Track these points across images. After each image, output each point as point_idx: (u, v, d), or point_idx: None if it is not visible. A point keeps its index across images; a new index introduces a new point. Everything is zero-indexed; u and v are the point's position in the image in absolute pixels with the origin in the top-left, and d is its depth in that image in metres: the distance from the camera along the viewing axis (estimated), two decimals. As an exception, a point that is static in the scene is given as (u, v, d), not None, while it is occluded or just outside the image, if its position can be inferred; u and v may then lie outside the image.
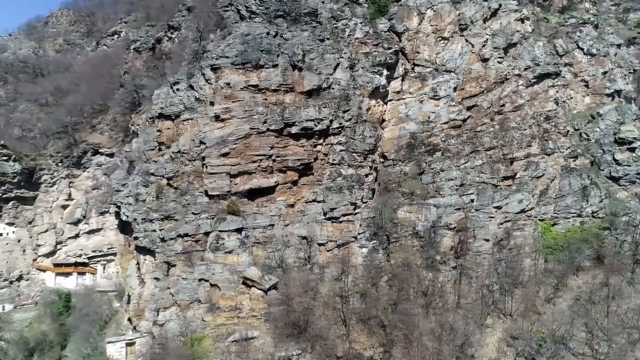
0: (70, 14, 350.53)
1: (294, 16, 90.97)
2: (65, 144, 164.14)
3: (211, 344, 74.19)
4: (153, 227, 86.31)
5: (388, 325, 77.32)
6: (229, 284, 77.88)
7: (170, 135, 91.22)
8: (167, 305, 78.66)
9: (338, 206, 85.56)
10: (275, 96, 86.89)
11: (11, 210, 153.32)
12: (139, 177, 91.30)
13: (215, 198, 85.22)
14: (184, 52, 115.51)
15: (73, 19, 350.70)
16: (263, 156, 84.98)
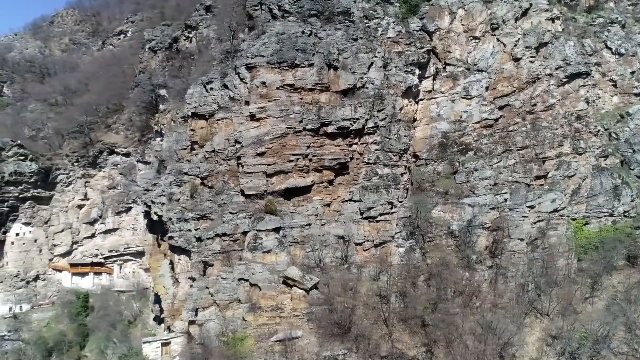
0: (76, 14, 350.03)
1: (327, 15, 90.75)
2: (80, 144, 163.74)
3: (253, 343, 73.91)
4: (188, 226, 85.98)
5: (429, 324, 76.71)
6: (269, 284, 77.52)
7: (204, 134, 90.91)
8: (206, 305, 78.19)
9: (375, 205, 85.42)
10: (311, 95, 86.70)
11: (28, 210, 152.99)
12: (171, 177, 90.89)
13: (251, 197, 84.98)
14: (214, 52, 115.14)
15: (78, 18, 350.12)
16: (299, 155, 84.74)
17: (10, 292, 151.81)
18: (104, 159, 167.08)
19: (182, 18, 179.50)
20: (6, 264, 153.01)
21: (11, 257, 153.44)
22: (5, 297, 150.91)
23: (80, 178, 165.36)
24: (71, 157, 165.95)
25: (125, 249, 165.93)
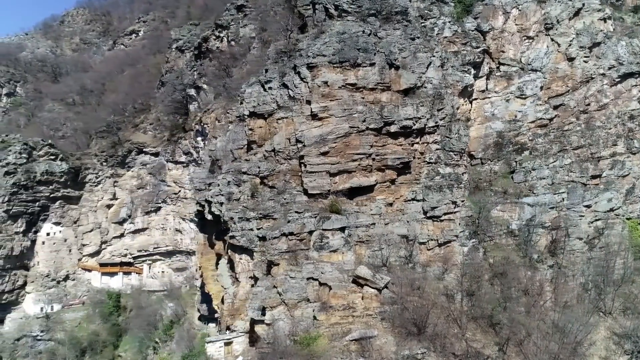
0: (86, 13, 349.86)
1: (385, 15, 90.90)
2: (109, 143, 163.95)
3: (327, 342, 73.93)
4: (250, 226, 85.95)
5: (497, 323, 76.95)
6: (339, 283, 77.58)
7: (263, 133, 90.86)
8: (274, 305, 78.13)
9: (439, 205, 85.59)
10: (373, 95, 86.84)
11: (58, 210, 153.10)
12: (230, 176, 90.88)
13: (314, 197, 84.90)
14: (256, 50, 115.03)
15: (89, 18, 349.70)
16: (363, 155, 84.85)
17: (41, 292, 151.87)
18: (132, 159, 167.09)
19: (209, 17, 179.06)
20: (37, 263, 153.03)
21: (42, 257, 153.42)
22: (37, 297, 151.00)
23: (109, 178, 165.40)
24: (100, 156, 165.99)
25: (154, 249, 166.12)
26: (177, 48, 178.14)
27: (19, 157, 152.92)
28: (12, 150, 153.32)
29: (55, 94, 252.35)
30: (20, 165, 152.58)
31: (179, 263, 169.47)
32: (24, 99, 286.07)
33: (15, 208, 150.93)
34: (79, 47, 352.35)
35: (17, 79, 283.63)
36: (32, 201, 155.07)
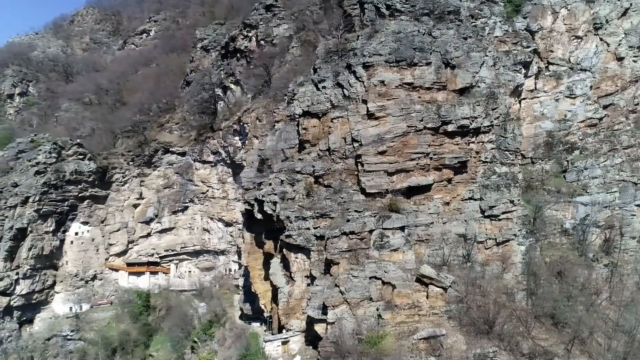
0: (96, 13, 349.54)
1: (438, 14, 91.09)
2: (135, 143, 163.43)
3: (394, 341, 74.07)
4: (307, 225, 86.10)
5: (560, 322, 77.21)
6: (403, 282, 77.80)
7: (316, 133, 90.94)
8: (336, 304, 78.21)
9: (497, 204, 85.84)
10: (429, 94, 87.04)
11: (86, 210, 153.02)
12: (283, 175, 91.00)
13: (372, 196, 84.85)
14: (296, 50, 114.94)
15: (98, 17, 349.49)
16: (421, 154, 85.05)
17: (70, 292, 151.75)
18: (158, 158, 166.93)
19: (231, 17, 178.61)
20: (66, 263, 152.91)
21: (71, 257, 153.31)
22: (66, 296, 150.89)
23: (135, 177, 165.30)
24: (126, 156, 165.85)
25: (182, 248, 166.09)
26: (202, 47, 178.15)
27: (49, 156, 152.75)
28: (42, 149, 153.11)
29: (71, 94, 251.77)
30: (50, 165, 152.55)
31: (206, 263, 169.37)
32: (37, 98, 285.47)
33: (46, 207, 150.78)
34: (89, 46, 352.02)
35: (29, 79, 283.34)
36: (61, 201, 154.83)
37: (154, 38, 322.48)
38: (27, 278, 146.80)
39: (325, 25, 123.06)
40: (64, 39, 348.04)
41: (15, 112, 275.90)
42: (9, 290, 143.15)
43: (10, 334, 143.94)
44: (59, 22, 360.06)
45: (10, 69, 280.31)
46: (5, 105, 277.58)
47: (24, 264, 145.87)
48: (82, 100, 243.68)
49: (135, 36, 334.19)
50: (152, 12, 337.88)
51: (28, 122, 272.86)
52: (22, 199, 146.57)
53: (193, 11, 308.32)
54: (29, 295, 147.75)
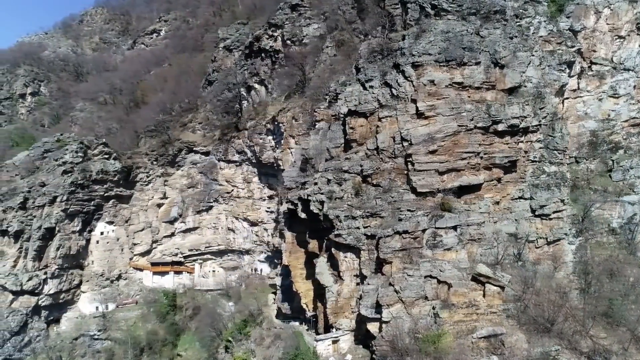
0: (105, 13, 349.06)
1: (484, 14, 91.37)
2: (158, 143, 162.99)
3: (452, 340, 74.20)
4: (356, 224, 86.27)
5: (615, 321, 77.45)
6: (459, 281, 77.97)
7: (364, 132, 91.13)
8: (391, 302, 78.44)
9: (548, 203, 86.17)
10: (479, 94, 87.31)
11: (111, 209, 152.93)
12: (330, 175, 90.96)
13: (422, 195, 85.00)
14: (330, 49, 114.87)
15: (107, 17, 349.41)
16: (472, 153, 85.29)
17: (96, 292, 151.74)
18: (182, 158, 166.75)
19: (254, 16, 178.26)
20: (91, 262, 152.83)
21: (96, 256, 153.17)
22: (92, 296, 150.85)
23: (159, 177, 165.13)
24: (150, 155, 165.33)
25: (206, 248, 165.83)
26: (225, 47, 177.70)
27: (75, 155, 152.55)
28: (68, 149, 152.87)
29: (85, 93, 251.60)
30: (77, 164, 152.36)
31: (230, 262, 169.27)
32: (48, 98, 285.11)
33: (73, 207, 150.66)
34: (98, 46, 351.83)
35: (40, 79, 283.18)
36: (87, 200, 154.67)
37: (165, 38, 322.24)
38: (55, 278, 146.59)
39: (359, 25, 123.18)
40: (73, 39, 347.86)
41: (27, 112, 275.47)
42: (37, 290, 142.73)
43: (38, 334, 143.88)
44: (68, 22, 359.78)
45: (22, 69, 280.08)
46: (17, 104, 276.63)
47: (52, 263, 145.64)
48: (97, 100, 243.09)
49: (145, 36, 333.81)
50: (161, 12, 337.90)
51: (40, 122, 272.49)
52: (49, 199, 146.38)
53: (203, 11, 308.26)
54: (57, 294, 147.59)
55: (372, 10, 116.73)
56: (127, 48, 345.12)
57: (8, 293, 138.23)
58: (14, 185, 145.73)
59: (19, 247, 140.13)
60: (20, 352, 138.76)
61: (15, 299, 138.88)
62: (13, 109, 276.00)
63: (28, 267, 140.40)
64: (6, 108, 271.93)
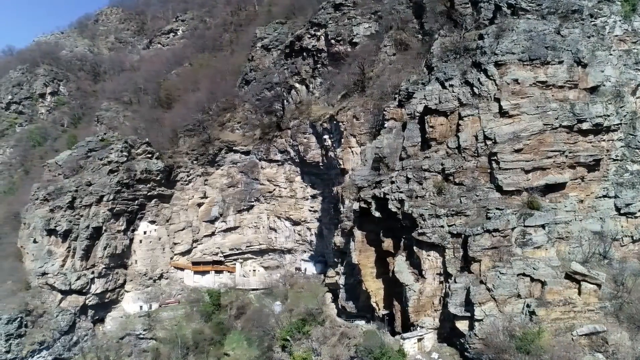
0: (120, 12, 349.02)
1: (562, 13, 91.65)
2: (198, 142, 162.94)
3: (550, 338, 74.46)
4: (441, 222, 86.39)
5: None
6: (553, 279, 78.34)
7: (443, 131, 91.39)
8: (483, 301, 78.76)
9: (634, 201, 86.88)
10: (562, 92, 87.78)
11: (153, 209, 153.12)
12: (408, 173, 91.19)
13: (508, 194, 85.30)
14: (388, 49, 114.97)
15: (122, 16, 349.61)
16: (557, 152, 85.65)
17: (139, 291, 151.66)
18: (222, 157, 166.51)
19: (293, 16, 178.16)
20: (135, 262, 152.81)
21: (140, 256, 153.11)
22: (136, 295, 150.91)
23: (199, 176, 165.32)
24: (190, 155, 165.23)
25: (247, 247, 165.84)
26: (263, 46, 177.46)
27: (120, 155, 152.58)
28: (113, 148, 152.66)
29: (110, 93, 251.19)
30: (122, 164, 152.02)
31: (271, 262, 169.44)
32: (67, 97, 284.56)
33: (118, 206, 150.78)
34: (114, 45, 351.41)
35: (60, 78, 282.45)
36: (131, 200, 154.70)
37: (182, 37, 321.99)
38: (102, 277, 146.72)
39: (416, 25, 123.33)
40: (89, 38, 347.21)
41: (46, 112, 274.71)
42: (85, 290, 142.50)
43: (86, 333, 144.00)
44: (83, 22, 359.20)
45: (41, 68, 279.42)
46: (37, 104, 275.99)
47: (99, 263, 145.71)
48: (121, 100, 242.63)
49: (162, 35, 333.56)
50: (177, 11, 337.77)
51: (59, 122, 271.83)
52: (96, 198, 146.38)
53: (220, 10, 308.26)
54: (103, 294, 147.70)
55: (432, 10, 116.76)
56: (143, 48, 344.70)
57: (57, 292, 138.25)
58: (60, 185, 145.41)
59: (67, 247, 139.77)
60: (69, 352, 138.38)
61: (63, 299, 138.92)
62: (33, 109, 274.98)
63: (76, 266, 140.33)
64: (26, 108, 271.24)
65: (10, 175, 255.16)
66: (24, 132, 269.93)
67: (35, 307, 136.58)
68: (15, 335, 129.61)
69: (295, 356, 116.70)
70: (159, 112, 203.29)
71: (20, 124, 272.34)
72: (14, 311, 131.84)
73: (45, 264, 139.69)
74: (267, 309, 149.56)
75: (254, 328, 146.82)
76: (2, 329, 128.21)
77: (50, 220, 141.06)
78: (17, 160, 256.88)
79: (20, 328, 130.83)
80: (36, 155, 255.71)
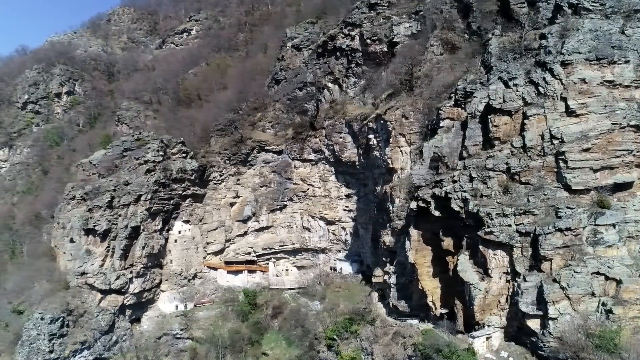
0: (132, 12, 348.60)
1: (625, 13, 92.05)
2: (230, 141, 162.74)
3: (630, 336, 74.73)
4: (508, 221, 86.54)
5: None
6: (629, 277, 78.80)
7: (507, 130, 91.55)
8: (557, 299, 79.14)
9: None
10: (628, 92, 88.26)
11: (187, 208, 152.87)
12: (473, 172, 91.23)
13: (576, 193, 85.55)
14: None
15: (135, 16, 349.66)
16: (625, 151, 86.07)
17: (175, 291, 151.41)
18: (254, 157, 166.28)
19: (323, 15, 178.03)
20: (170, 261, 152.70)
21: (175, 255, 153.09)
22: (172, 295, 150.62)
23: (232, 175, 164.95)
24: (223, 154, 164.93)
25: (280, 247, 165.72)
26: (293, 46, 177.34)
27: (157, 154, 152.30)
28: (150, 148, 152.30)
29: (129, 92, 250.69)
30: (158, 163, 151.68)
31: (304, 261, 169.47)
32: (82, 97, 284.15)
33: (155, 206, 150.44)
34: (127, 45, 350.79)
35: (75, 78, 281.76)
36: (167, 199, 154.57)
37: (196, 37, 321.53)
38: (140, 277, 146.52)
39: (461, 24, 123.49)
40: (102, 38, 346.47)
41: (62, 111, 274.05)
42: (124, 289, 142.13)
43: (124, 333, 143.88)
44: (96, 22, 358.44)
45: (57, 68, 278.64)
46: (53, 104, 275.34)
47: (137, 262, 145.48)
48: (141, 99, 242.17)
49: (175, 35, 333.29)
50: (191, 11, 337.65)
51: (75, 121, 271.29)
52: (134, 198, 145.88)
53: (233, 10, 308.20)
54: (140, 294, 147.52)
55: (480, 10, 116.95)
56: (155, 47, 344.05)
57: (96, 292, 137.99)
58: (98, 184, 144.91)
59: (106, 246, 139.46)
60: (109, 352, 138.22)
61: (103, 298, 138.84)
62: (49, 108, 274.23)
63: (115, 266, 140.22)
64: (43, 107, 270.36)
65: (28, 175, 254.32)
66: (40, 131, 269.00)
67: (76, 307, 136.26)
68: (58, 335, 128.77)
69: (344, 355, 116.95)
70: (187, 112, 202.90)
71: (37, 124, 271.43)
72: (56, 311, 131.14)
73: (85, 263, 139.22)
74: (304, 308, 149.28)
75: (292, 327, 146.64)
76: (46, 329, 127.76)
77: (88, 220, 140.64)
78: (35, 160, 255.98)
79: (62, 328, 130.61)
80: (53, 155, 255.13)
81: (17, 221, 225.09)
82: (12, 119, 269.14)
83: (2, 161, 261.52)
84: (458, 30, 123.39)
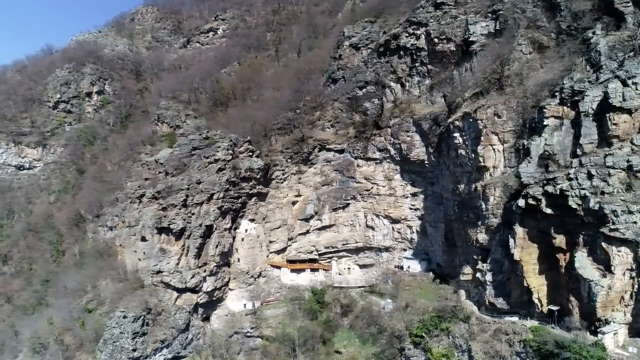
0: (155, 11, 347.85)
1: None
2: (291, 141, 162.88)
3: None
4: (634, 218, 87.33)
5: None
6: None
7: (627, 128, 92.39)
8: (691, 296, 79.49)
9: None
10: None
11: (253, 207, 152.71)
12: (591, 170, 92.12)
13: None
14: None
15: (158, 16, 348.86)
16: None
17: (242, 289, 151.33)
18: (315, 156, 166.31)
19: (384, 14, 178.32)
20: (237, 260, 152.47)
21: (242, 254, 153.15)
22: (240, 293, 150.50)
23: (294, 174, 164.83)
24: (285, 153, 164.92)
25: (343, 245, 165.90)
26: (351, 45, 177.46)
27: (226, 153, 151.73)
28: (220, 146, 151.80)
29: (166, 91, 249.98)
30: (228, 162, 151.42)
31: (367, 259, 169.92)
32: (112, 96, 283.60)
33: (226, 205, 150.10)
34: (152, 44, 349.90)
35: (105, 77, 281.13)
36: (236, 198, 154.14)
37: (222, 36, 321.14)
38: (212, 275, 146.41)
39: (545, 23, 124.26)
40: (128, 37, 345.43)
41: (93, 110, 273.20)
42: (198, 288, 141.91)
43: (198, 331, 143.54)
44: (120, 21, 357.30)
45: (88, 67, 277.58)
46: (84, 103, 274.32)
47: (210, 261, 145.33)
48: (179, 98, 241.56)
49: (201, 34, 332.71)
50: (216, 10, 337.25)
51: (106, 121, 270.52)
52: (207, 196, 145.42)
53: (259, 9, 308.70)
54: (212, 292, 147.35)
55: (570, 9, 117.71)
56: (180, 46, 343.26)
57: (172, 291, 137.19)
58: (170, 183, 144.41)
59: (181, 245, 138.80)
60: (185, 350, 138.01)
61: (179, 297, 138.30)
62: (80, 108, 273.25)
63: (190, 264, 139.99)
64: (74, 107, 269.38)
65: (62, 175, 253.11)
66: (73, 131, 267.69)
67: (154, 306, 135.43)
68: (140, 333, 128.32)
69: (434, 353, 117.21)
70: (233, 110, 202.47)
71: (69, 123, 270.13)
72: (137, 309, 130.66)
73: (160, 262, 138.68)
74: (375, 306, 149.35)
75: (364, 325, 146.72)
76: (129, 327, 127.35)
77: (162, 219, 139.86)
78: (69, 159, 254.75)
79: (143, 326, 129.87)
80: (88, 155, 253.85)
81: (58, 221, 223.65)
82: (45, 118, 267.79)
83: (36, 160, 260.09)
84: (543, 30, 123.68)
